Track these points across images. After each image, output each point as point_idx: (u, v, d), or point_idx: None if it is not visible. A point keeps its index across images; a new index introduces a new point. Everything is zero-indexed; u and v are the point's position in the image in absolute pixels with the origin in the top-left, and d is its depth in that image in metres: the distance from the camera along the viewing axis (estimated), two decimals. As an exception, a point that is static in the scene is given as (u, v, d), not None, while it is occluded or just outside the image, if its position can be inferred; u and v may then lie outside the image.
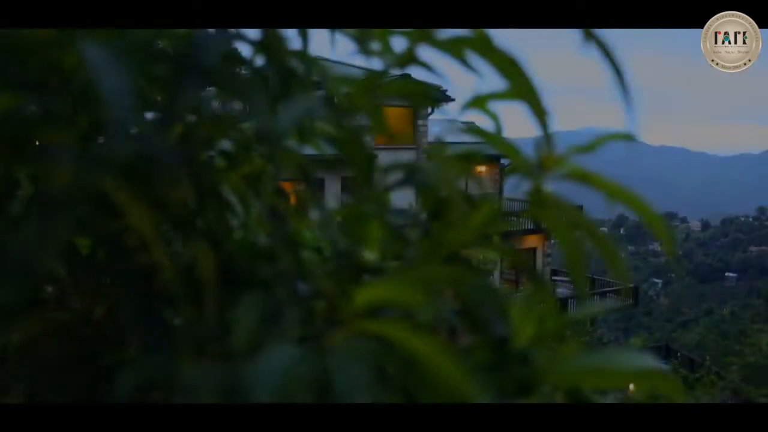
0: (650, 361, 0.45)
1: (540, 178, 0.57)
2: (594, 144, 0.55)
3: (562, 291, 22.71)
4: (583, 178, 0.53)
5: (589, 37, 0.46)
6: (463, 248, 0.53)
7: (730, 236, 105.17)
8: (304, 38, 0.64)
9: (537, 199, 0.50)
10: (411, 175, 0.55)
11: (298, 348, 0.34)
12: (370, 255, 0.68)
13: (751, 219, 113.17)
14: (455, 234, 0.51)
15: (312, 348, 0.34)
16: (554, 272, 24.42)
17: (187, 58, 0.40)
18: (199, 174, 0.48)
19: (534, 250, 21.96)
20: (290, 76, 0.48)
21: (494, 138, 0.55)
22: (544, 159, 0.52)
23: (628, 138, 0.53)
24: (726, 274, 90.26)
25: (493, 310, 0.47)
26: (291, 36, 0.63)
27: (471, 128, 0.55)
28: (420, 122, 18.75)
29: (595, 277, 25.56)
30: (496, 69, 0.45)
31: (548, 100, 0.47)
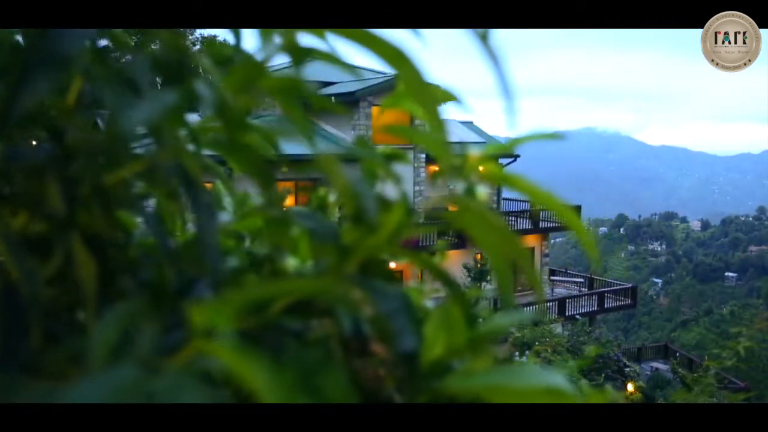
0: (558, 380, 0.41)
1: (469, 181, 0.54)
2: (515, 143, 0.51)
3: (560, 291, 22.72)
4: (504, 180, 0.49)
5: (481, 36, 0.43)
6: (376, 253, 0.50)
7: (730, 236, 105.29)
8: (237, 35, 0.60)
9: (459, 203, 0.47)
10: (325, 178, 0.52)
11: (134, 369, 0.31)
12: (293, 262, 0.64)
13: (750, 219, 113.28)
14: (366, 239, 0.48)
15: (150, 369, 0.31)
16: (552, 272, 24.41)
17: (40, 50, 0.36)
18: (78, 175, 0.44)
19: (532, 250, 21.90)
20: (176, 69, 0.44)
21: (420, 137, 0.51)
22: (467, 161, 0.48)
23: (556, 137, 0.49)
24: (726, 273, 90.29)
25: (403, 320, 0.44)
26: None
27: (391, 128, 0.51)
28: (418, 122, 18.63)
29: (594, 277, 25.55)
30: (383, 60, 0.42)
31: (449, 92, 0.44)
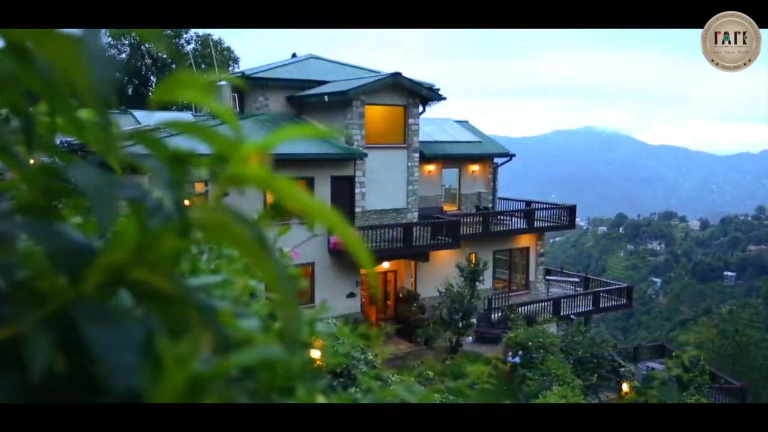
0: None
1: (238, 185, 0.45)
2: (270, 142, 0.43)
3: (555, 291, 22.66)
4: (267, 185, 0.42)
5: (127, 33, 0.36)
6: (122, 271, 0.41)
7: (729, 235, 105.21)
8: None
9: (208, 213, 0.39)
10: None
11: None
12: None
13: (750, 218, 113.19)
14: (112, 253, 0.40)
15: None
16: (548, 272, 24.30)
17: None
18: None
19: (527, 249, 21.79)
20: None
21: (200, 131, 0.43)
22: (233, 162, 0.40)
23: (319, 134, 0.42)
24: (725, 273, 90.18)
25: (128, 355, 0.36)
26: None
27: (173, 124, 0.43)
28: (411, 121, 18.59)
29: (590, 276, 25.47)
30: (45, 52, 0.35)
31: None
